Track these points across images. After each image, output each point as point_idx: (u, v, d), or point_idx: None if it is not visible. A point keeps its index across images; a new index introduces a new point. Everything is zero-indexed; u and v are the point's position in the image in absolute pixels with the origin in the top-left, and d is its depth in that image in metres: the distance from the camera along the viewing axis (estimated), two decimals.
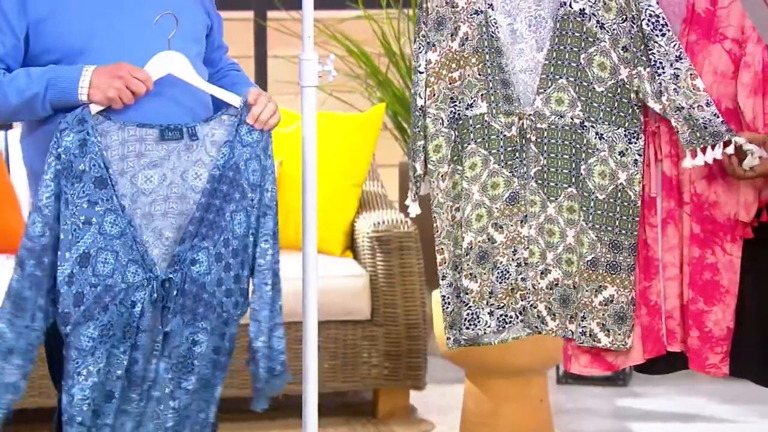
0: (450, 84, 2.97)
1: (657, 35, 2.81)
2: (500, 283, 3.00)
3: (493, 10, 2.94)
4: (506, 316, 3.01)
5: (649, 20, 2.81)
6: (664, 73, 2.82)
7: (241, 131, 2.77)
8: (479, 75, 2.95)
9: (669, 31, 2.81)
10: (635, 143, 2.90)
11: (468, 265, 2.97)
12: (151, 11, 2.74)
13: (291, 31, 4.87)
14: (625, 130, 2.91)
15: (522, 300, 3.01)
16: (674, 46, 2.81)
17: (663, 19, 2.82)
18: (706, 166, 2.87)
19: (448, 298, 3.01)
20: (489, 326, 3.01)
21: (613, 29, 2.88)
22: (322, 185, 3.27)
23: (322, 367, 3.86)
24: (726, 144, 2.79)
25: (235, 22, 3.00)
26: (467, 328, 2.99)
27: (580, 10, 2.89)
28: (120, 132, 2.70)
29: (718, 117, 2.80)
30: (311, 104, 3.03)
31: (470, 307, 2.99)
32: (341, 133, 4.25)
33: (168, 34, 2.72)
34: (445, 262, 3.00)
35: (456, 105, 2.97)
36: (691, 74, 2.81)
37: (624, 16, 2.87)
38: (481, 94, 2.95)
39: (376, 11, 4.85)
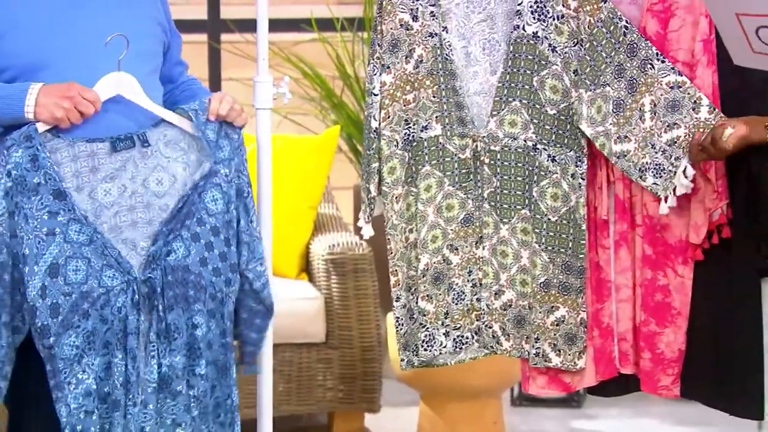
0: (404, 106, 2.98)
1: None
2: (456, 304, 3.01)
3: (447, 33, 2.96)
4: (462, 336, 3.02)
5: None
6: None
7: (206, 131, 2.77)
8: (433, 97, 2.96)
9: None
10: (580, 166, 2.93)
11: (424, 286, 2.98)
12: (107, 27, 2.74)
13: (245, 54, 4.87)
14: (574, 153, 2.93)
15: (477, 320, 3.02)
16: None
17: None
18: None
19: (402, 319, 3.02)
20: (445, 347, 3.01)
21: (565, 52, 2.90)
22: (277, 207, 3.26)
23: (276, 390, 3.84)
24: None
25: (189, 45, 3.00)
26: (424, 350, 3.00)
27: (533, 33, 2.91)
28: (70, 148, 2.70)
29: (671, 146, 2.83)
30: (266, 126, 3.03)
31: (427, 328, 2.99)
32: (296, 155, 4.24)
33: (123, 49, 2.72)
34: (398, 284, 3.01)
35: (410, 127, 2.98)
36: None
37: (575, 40, 2.89)
38: (436, 117, 2.96)
39: (330, 34, 4.87)
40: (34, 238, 2.65)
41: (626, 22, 2.85)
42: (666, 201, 2.82)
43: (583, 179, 2.92)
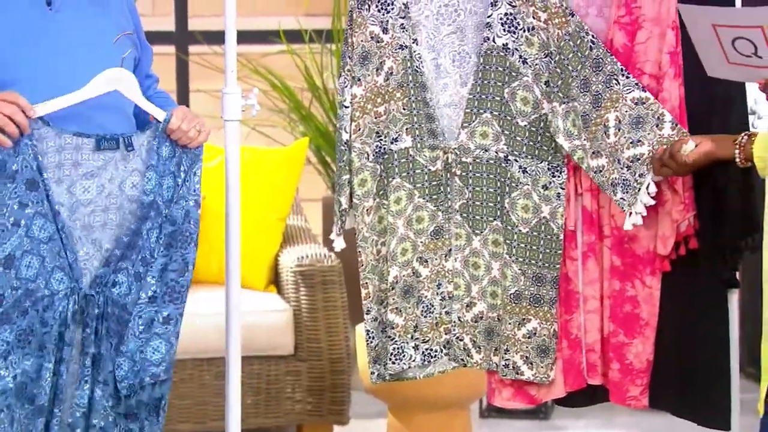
0: (375, 118, 2.98)
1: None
2: (425, 317, 3.01)
3: (417, 45, 2.96)
4: (431, 350, 3.02)
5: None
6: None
7: (161, 152, 2.78)
8: (404, 109, 2.96)
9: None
10: (558, 177, 2.93)
11: (393, 299, 2.98)
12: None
13: (213, 65, 4.86)
14: (548, 164, 2.94)
15: (446, 334, 3.02)
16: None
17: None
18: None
19: (373, 332, 3.01)
20: (414, 360, 3.01)
21: (536, 64, 2.91)
22: (246, 220, 3.25)
23: (244, 403, 3.83)
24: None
25: (157, 57, 3.00)
26: (393, 363, 3.00)
27: (503, 45, 2.92)
28: (57, 138, 2.71)
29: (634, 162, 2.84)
30: (234, 138, 3.03)
31: (395, 341, 2.99)
32: (264, 167, 4.24)
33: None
34: (369, 297, 3.00)
35: (381, 139, 2.98)
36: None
37: (546, 51, 2.91)
38: (406, 129, 2.97)
39: (299, 46, 4.87)
40: (0, 225, 2.65)
41: (592, 36, 2.87)
42: (630, 216, 2.83)
43: (562, 189, 2.92)
